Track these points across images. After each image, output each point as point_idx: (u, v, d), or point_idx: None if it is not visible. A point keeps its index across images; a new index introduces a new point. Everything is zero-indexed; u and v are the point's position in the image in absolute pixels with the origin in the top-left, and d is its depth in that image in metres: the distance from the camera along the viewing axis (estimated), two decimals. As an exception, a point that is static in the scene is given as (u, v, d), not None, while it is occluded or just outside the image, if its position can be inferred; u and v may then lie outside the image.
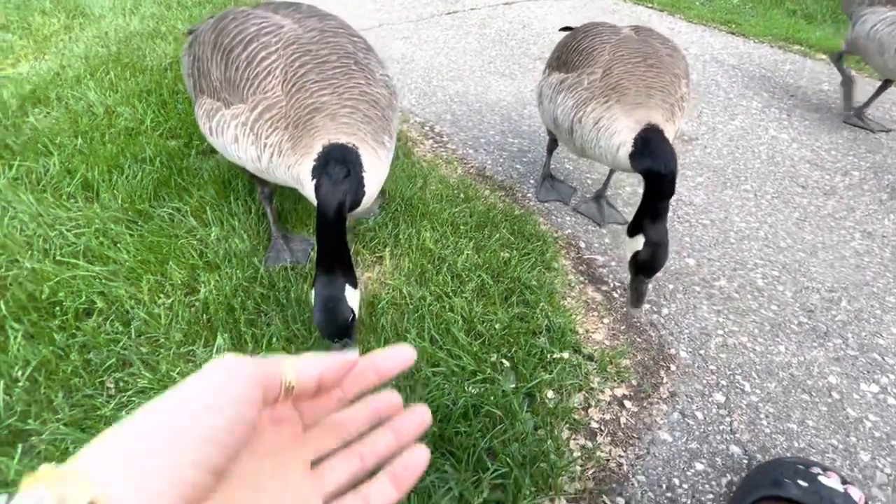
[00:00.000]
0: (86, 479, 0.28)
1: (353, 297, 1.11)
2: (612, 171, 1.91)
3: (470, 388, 1.12)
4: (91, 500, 0.27)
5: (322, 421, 0.40)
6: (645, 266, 1.30)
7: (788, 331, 1.48)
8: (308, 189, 1.15)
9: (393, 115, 1.28)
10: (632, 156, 1.33)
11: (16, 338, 1.21)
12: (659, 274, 1.64)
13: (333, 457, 0.39)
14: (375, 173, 1.16)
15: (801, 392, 1.31)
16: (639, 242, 1.29)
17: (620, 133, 1.35)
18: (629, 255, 1.34)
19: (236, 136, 1.23)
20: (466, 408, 1.06)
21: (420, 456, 0.40)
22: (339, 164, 1.10)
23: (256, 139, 1.20)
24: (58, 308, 1.30)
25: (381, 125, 1.21)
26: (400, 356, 0.41)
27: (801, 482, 0.94)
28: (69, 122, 2.05)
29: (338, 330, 1.09)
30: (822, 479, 0.95)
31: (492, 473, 0.95)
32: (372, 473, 0.40)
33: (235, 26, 1.25)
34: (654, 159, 1.27)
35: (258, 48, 1.20)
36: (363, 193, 1.13)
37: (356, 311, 1.13)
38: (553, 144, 1.94)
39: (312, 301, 1.10)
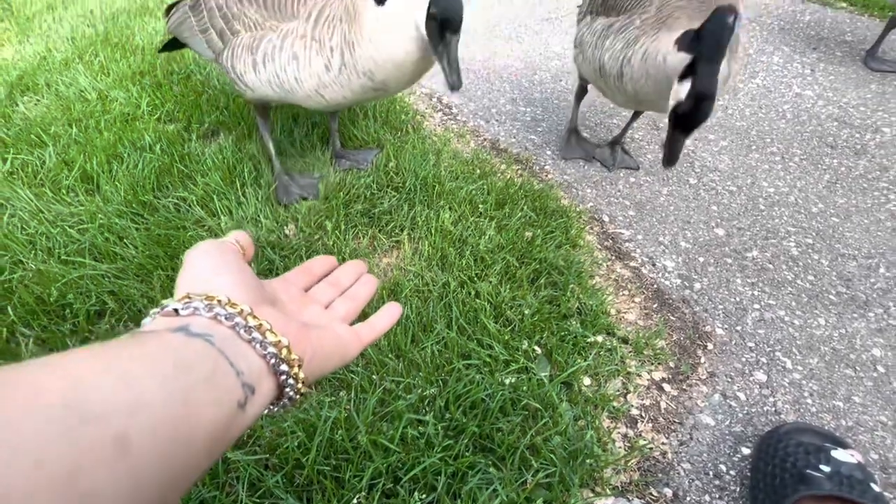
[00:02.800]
0: (193, 292, 0.40)
1: None
2: (632, 118, 1.85)
3: (505, 380, 1.07)
4: (207, 295, 0.40)
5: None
6: (684, 119, 1.16)
7: (827, 301, 1.42)
8: (416, 42, 1.10)
9: None
10: (678, 48, 1.21)
11: (27, 344, 1.16)
12: (689, 245, 1.57)
13: (320, 287, 0.58)
14: None
15: (844, 367, 1.26)
16: (684, 90, 1.15)
17: (663, 48, 1.25)
18: (672, 104, 1.20)
19: (295, 54, 1.23)
20: (504, 401, 1.02)
21: (372, 280, 0.61)
22: None
23: (321, 47, 1.20)
24: (68, 310, 1.24)
25: None
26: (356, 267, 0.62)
27: (822, 466, 0.93)
28: (61, 109, 1.95)
29: (460, 20, 1.05)
30: (833, 453, 0.93)
31: (538, 472, 0.90)
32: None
33: None
34: (702, 30, 1.15)
35: None
36: None
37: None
38: (582, 92, 1.87)
39: None
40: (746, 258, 1.55)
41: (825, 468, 0.92)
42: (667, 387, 1.19)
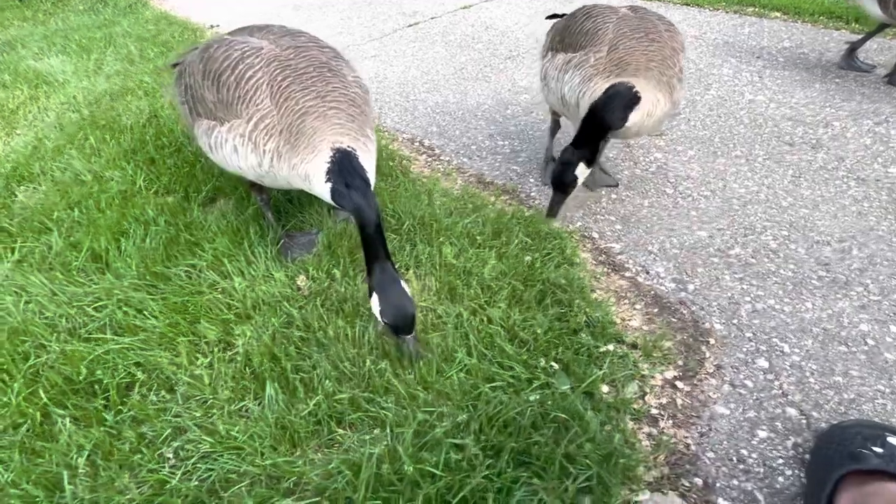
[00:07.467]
0: None
1: (408, 290, 1.25)
2: (604, 142, 1.97)
3: (530, 397, 1.14)
4: None
5: None
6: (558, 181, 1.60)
7: (811, 286, 1.53)
8: (319, 186, 1.31)
9: (369, 110, 1.45)
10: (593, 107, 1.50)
11: (64, 424, 1.19)
12: (676, 251, 1.68)
13: None
14: (371, 168, 1.34)
15: (837, 344, 1.35)
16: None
17: (599, 90, 1.49)
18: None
19: (235, 147, 1.37)
20: (534, 417, 1.08)
21: None
22: (355, 174, 1.26)
23: (255, 147, 1.34)
24: (97, 386, 1.28)
25: (363, 120, 1.38)
26: None
27: (875, 448, 0.97)
28: (59, 194, 2.01)
29: (410, 325, 1.22)
30: (890, 438, 0.98)
31: (576, 479, 0.96)
32: None
33: (221, 53, 1.39)
34: (600, 101, 1.47)
35: (244, 69, 1.34)
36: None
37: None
38: (556, 126, 2.02)
39: (376, 300, 1.22)
40: (731, 255, 1.66)
41: (878, 449, 0.96)
42: (679, 384, 1.27)
